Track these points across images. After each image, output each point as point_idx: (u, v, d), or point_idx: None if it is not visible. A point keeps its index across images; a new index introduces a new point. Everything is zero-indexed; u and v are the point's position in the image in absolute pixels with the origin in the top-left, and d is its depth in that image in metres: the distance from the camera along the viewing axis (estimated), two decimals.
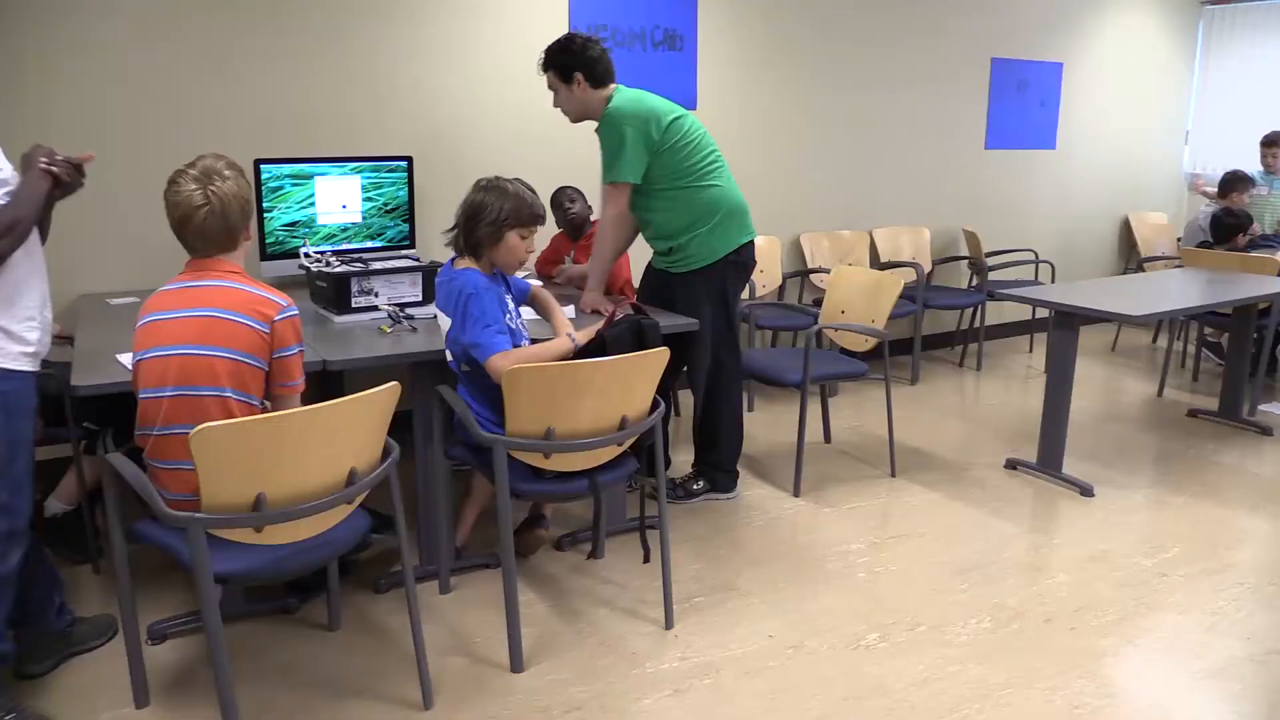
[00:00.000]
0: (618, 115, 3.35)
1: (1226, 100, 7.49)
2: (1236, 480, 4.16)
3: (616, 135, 3.35)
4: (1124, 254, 7.51)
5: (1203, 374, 5.96)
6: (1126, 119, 7.28)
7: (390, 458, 2.33)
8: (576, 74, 3.37)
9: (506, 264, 2.84)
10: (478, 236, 2.77)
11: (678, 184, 3.44)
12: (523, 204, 2.77)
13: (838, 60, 5.66)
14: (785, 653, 2.75)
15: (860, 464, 4.29)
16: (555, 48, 3.41)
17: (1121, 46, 7.07)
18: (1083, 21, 6.78)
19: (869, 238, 5.98)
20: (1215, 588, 3.18)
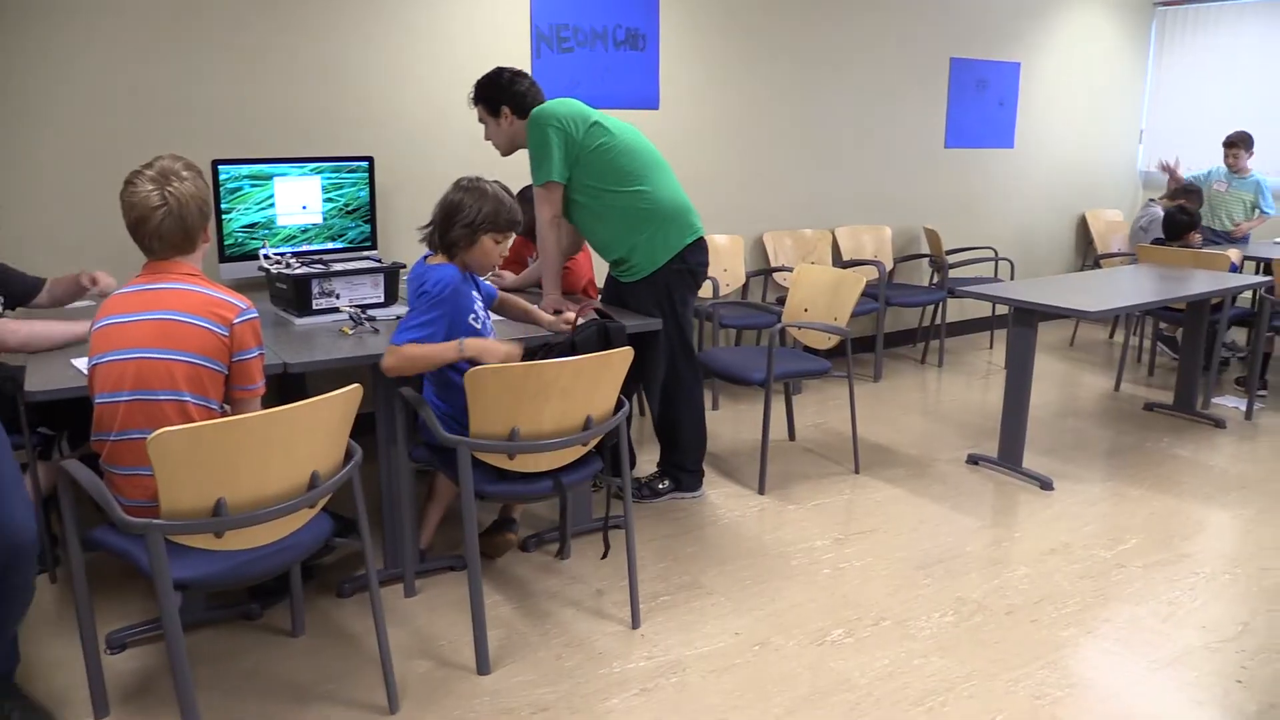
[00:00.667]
0: (540, 117, 3.36)
1: (1179, 99, 7.63)
2: (1191, 472, 4.24)
3: (539, 136, 3.36)
4: (1081, 251, 7.62)
5: (1158, 368, 6.07)
6: (1083, 118, 7.39)
7: (353, 460, 2.32)
8: (504, 107, 3.43)
9: (479, 266, 2.85)
10: (452, 237, 2.77)
11: (609, 190, 3.42)
12: (501, 208, 2.77)
13: (800, 60, 5.69)
14: (751, 650, 2.76)
15: (824, 461, 4.32)
16: (483, 82, 3.46)
17: (1077, 46, 7.18)
18: (1039, 22, 6.88)
19: (831, 236, 6.02)
20: (1171, 578, 3.24)
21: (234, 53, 3.99)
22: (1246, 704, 2.54)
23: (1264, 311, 5.08)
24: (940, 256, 6.12)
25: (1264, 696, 2.57)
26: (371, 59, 4.31)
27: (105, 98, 3.77)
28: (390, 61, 4.36)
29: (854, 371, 5.84)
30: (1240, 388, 5.58)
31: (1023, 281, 4.63)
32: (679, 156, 5.29)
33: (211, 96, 3.97)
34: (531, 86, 3.46)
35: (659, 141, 5.19)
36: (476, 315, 2.87)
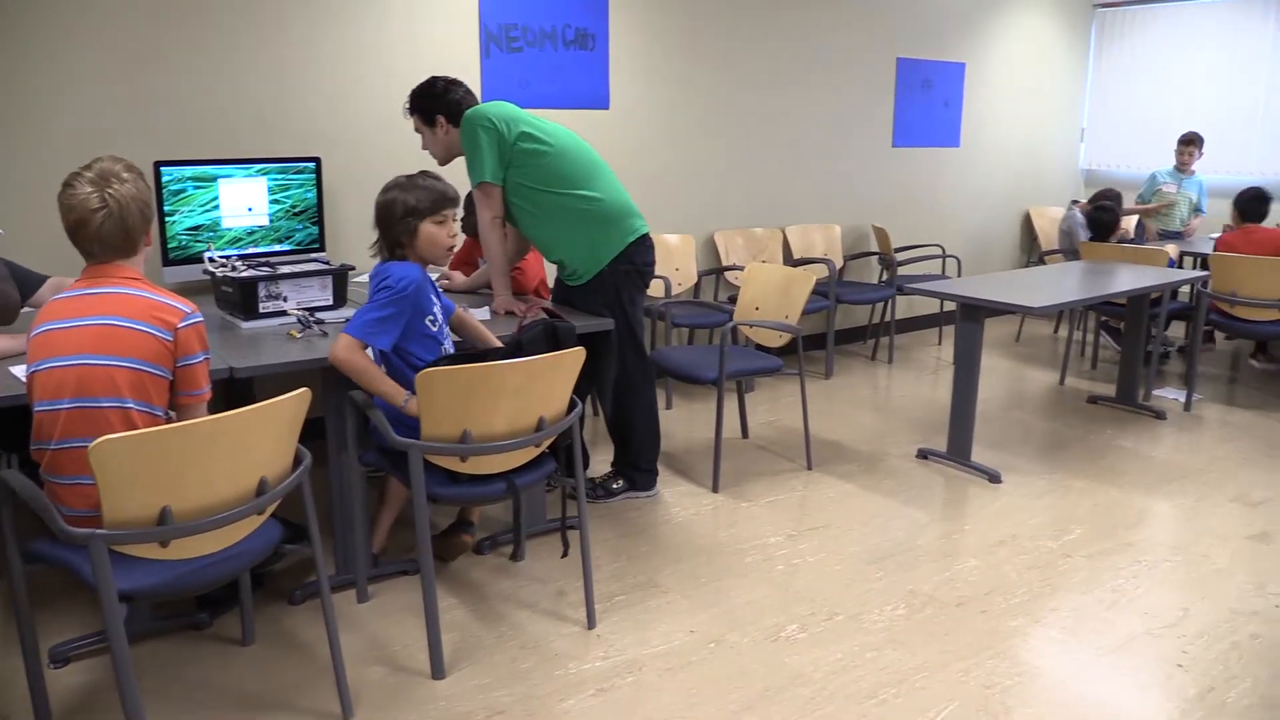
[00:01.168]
0: (471, 119, 3.36)
1: (1118, 98, 7.81)
2: (1134, 463, 4.34)
3: (471, 138, 3.36)
4: (1026, 248, 7.76)
5: (1101, 362, 6.20)
6: (1026, 117, 7.52)
7: (302, 465, 2.29)
8: (438, 117, 3.44)
9: (432, 255, 2.85)
10: (394, 235, 2.79)
11: (546, 192, 3.42)
12: (429, 192, 2.80)
13: (749, 59, 5.73)
14: (707, 647, 2.78)
15: (777, 458, 4.36)
16: (417, 92, 3.47)
17: (1020, 47, 7.31)
18: (983, 23, 6.99)
19: (782, 235, 6.06)
20: (1115, 567, 3.32)
21: (177, 52, 3.92)
22: (1187, 687, 2.61)
23: (1201, 306, 5.22)
24: (889, 254, 6.20)
25: (1203, 680, 2.64)
26: (318, 58, 4.26)
27: (43, 98, 3.68)
28: (337, 60, 4.31)
29: (805, 369, 5.90)
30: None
31: (969, 278, 4.71)
32: (629, 156, 5.30)
33: (153, 97, 3.90)
34: (466, 94, 3.47)
35: (609, 141, 5.19)
36: (435, 319, 2.85)
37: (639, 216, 3.58)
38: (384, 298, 2.69)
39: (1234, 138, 7.14)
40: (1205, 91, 7.28)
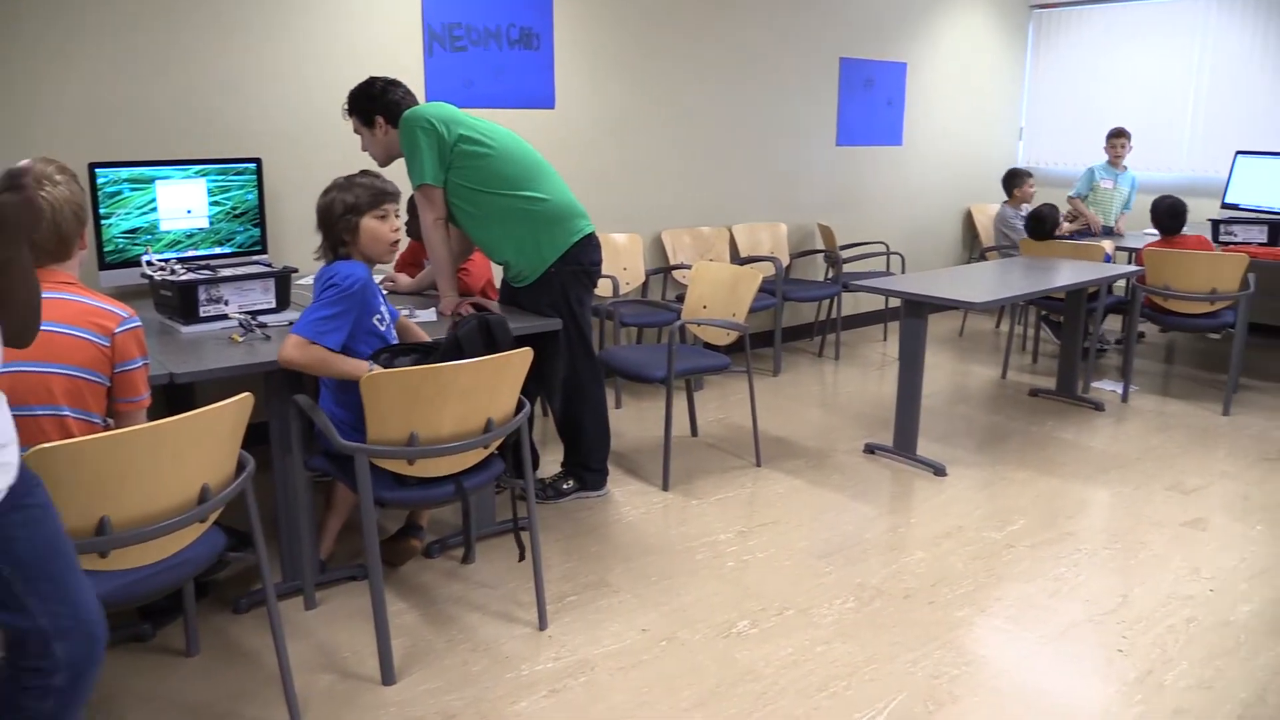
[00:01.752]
0: (410, 120, 3.33)
1: (1055, 97, 7.97)
2: (1073, 454, 4.44)
3: (410, 139, 3.34)
4: (967, 244, 7.90)
5: (1042, 355, 6.33)
6: (966, 116, 7.65)
7: (245, 472, 2.25)
8: (377, 117, 3.41)
9: (376, 251, 2.83)
10: (336, 235, 2.79)
11: (488, 193, 3.40)
12: (367, 189, 2.81)
13: (694, 59, 5.75)
14: (659, 645, 2.79)
15: (726, 455, 4.38)
16: (355, 93, 3.44)
17: (960, 47, 7.43)
18: (924, 23, 7.10)
19: (729, 233, 6.10)
20: (1056, 556, 3.39)
21: (111, 50, 3.83)
22: (1127, 672, 2.67)
23: (1135, 299, 5.35)
24: (834, 252, 6.26)
25: (1142, 664, 2.71)
26: (258, 57, 4.19)
27: None
28: (279, 59, 4.25)
29: (753, 366, 5.94)
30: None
31: (913, 274, 4.77)
32: (576, 156, 5.29)
33: (87, 96, 3.80)
34: (406, 95, 3.44)
35: (555, 141, 5.18)
36: (383, 317, 2.84)
37: (584, 216, 3.57)
38: (331, 295, 2.67)
39: (1166, 136, 7.33)
40: (1138, 90, 7.47)
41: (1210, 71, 7.09)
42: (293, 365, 2.65)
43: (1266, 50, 6.78)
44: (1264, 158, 6.33)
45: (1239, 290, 4.99)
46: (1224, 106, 7.05)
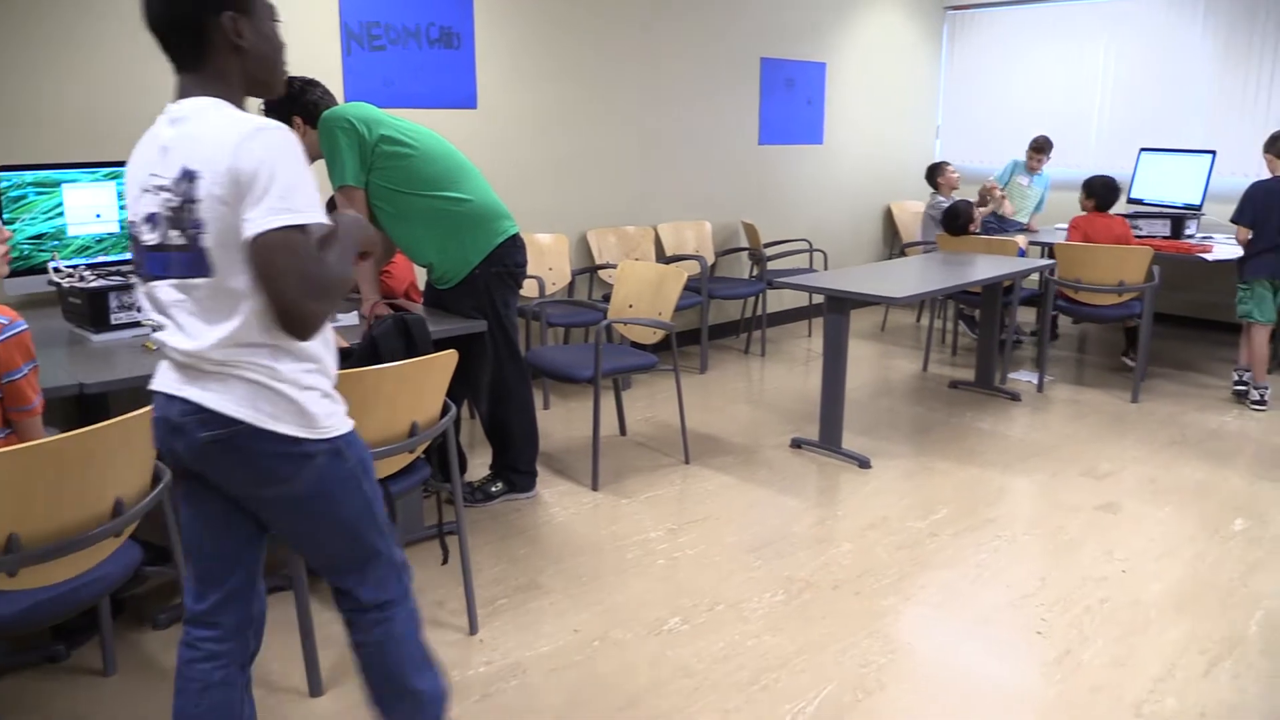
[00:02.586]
0: (329, 121, 3.28)
1: (970, 96, 8.17)
2: (993, 443, 4.56)
3: (329, 140, 3.29)
4: (888, 241, 8.05)
5: (961, 348, 6.48)
6: (884, 115, 7.80)
7: (161, 483, 2.19)
8: (295, 118, 3.34)
9: None
10: None
11: (410, 194, 3.37)
12: None
13: (618, 58, 5.76)
14: (591, 646, 2.79)
15: (655, 453, 4.40)
16: None
17: (877, 47, 7.57)
18: (842, 24, 7.21)
19: (654, 233, 6.12)
20: (978, 543, 3.48)
21: (14, 51, 3.68)
22: (1046, 652, 2.76)
23: (1048, 292, 5.52)
24: (759, 249, 6.33)
25: (1061, 645, 2.80)
26: None
27: None
28: None
29: (680, 364, 5.97)
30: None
31: (835, 271, 4.85)
32: (499, 156, 5.26)
33: None
34: (324, 95, 3.38)
35: (478, 141, 5.14)
36: None
37: (508, 217, 3.55)
38: None
39: (1075, 134, 7.57)
40: (1048, 89, 7.70)
41: (1115, 71, 7.35)
42: None
43: (1168, 51, 7.05)
44: (1166, 154, 6.58)
45: (1145, 282, 5.18)
46: (1128, 105, 7.31)
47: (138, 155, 1.71)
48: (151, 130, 1.70)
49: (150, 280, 1.70)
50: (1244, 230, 5.08)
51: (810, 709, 2.49)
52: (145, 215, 1.67)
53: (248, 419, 1.65)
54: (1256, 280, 5.09)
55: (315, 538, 1.83)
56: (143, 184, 1.67)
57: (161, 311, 1.70)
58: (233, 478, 1.72)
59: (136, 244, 1.71)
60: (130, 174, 1.72)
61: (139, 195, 1.69)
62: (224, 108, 1.64)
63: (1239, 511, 3.78)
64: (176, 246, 1.63)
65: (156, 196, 1.64)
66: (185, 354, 1.66)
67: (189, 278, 1.63)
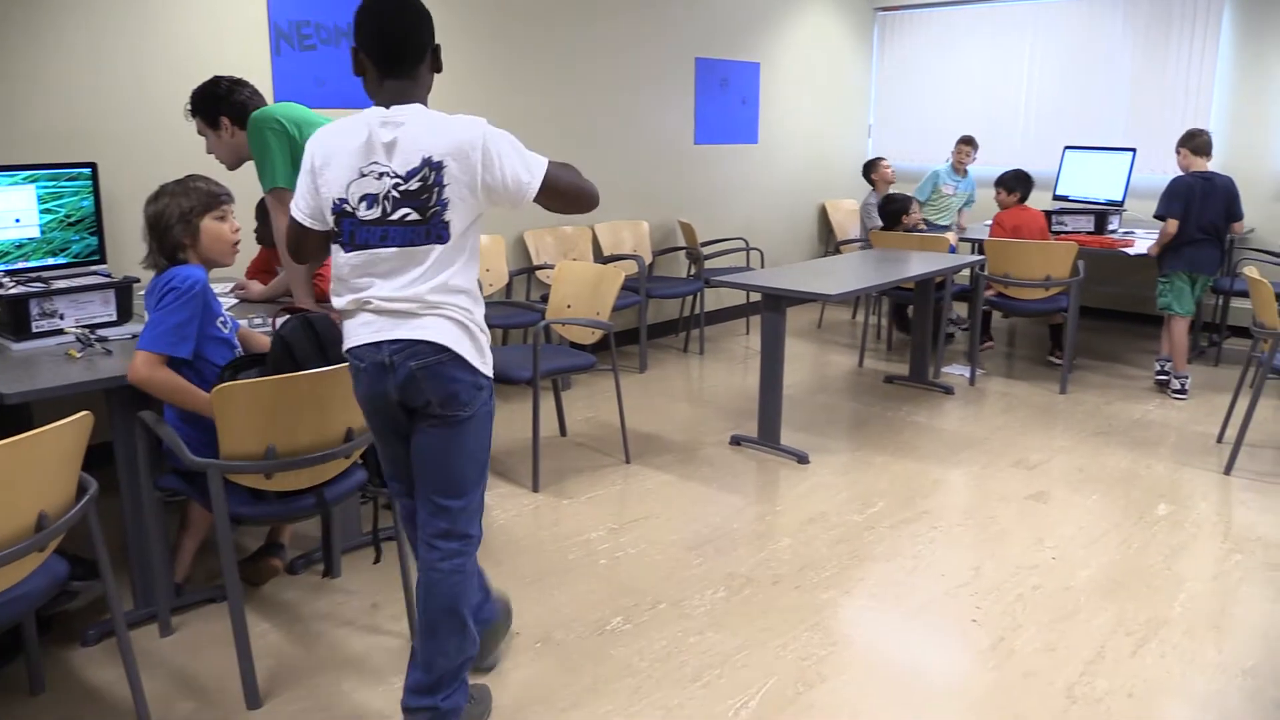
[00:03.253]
0: (258, 121, 3.20)
1: (901, 95, 8.31)
2: (927, 437, 4.65)
3: (259, 141, 3.21)
4: (823, 238, 8.15)
5: (895, 344, 6.59)
6: (818, 114, 7.89)
7: (87, 495, 2.13)
8: (223, 119, 3.28)
9: (218, 252, 2.74)
10: (174, 240, 2.67)
11: None
12: (201, 190, 2.70)
13: (553, 59, 5.74)
14: (533, 648, 2.78)
15: (596, 453, 4.40)
16: (199, 92, 3.30)
17: (809, 47, 7.66)
18: (774, 24, 7.28)
19: (591, 233, 6.12)
20: (914, 534, 3.54)
21: None
22: (981, 640, 2.82)
23: (979, 287, 5.64)
24: (696, 248, 6.37)
25: (995, 632, 2.86)
26: (94, 56, 3.96)
27: None
28: (115, 59, 4.02)
29: (619, 364, 5.98)
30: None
31: (771, 269, 4.90)
32: None
33: None
34: (253, 95, 3.31)
35: None
36: (225, 320, 2.73)
37: None
38: (172, 302, 2.54)
39: (1002, 132, 7.74)
40: (976, 89, 7.86)
41: (1040, 72, 7.53)
42: (144, 387, 2.52)
43: (1089, 52, 7.25)
44: (1089, 152, 6.77)
45: (1070, 276, 5.32)
46: (1053, 104, 7.49)
47: (340, 149, 2.10)
48: (351, 128, 2.11)
49: (359, 249, 2.10)
50: (1174, 222, 5.21)
51: (753, 704, 2.51)
52: (361, 196, 2.08)
53: (453, 347, 2.10)
54: (1175, 274, 5.26)
55: (457, 459, 2.18)
56: (359, 170, 2.08)
57: (366, 273, 2.11)
58: (427, 400, 2.12)
59: (352, 219, 2.09)
60: (335, 165, 2.10)
61: (352, 180, 2.08)
62: (431, 112, 2.13)
63: (1162, 497, 3.90)
64: (409, 222, 2.07)
65: (379, 182, 2.07)
66: (407, 300, 2.08)
67: (420, 245, 2.08)
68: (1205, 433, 4.69)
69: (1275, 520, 3.68)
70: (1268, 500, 3.88)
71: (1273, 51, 6.52)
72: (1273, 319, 4.10)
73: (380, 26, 2.11)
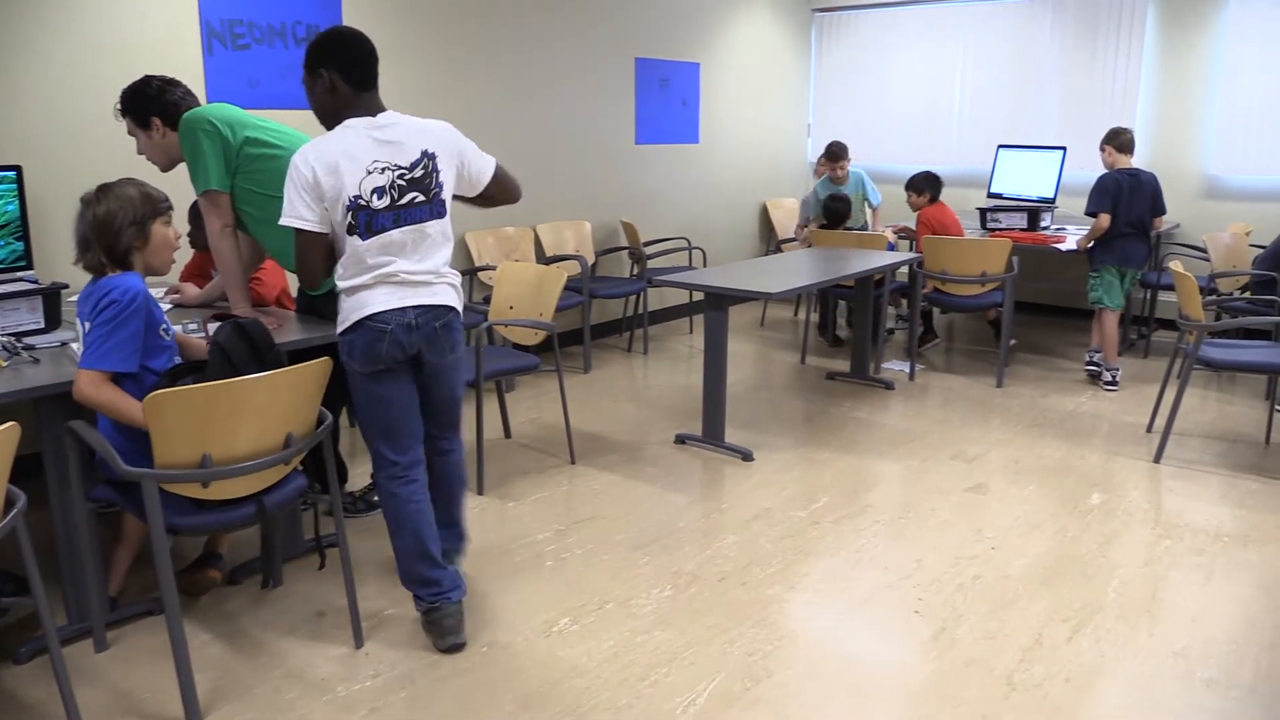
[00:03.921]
0: (190, 122, 3.14)
1: (839, 95, 8.41)
2: (869, 432, 4.71)
3: (191, 143, 3.15)
4: (764, 237, 8.22)
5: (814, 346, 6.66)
6: (758, 114, 7.96)
7: (15, 509, 2.07)
8: (154, 119, 3.21)
9: (163, 260, 2.70)
10: (125, 244, 2.59)
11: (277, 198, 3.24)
12: (148, 195, 2.65)
13: (492, 59, 5.71)
14: (480, 652, 2.76)
15: (541, 455, 4.39)
16: (129, 92, 3.23)
17: (749, 48, 7.72)
18: (713, 24, 7.32)
19: (533, 233, 6.10)
20: (857, 529, 3.59)
21: None
22: (923, 630, 2.87)
23: (916, 284, 5.74)
24: (638, 248, 6.38)
25: (937, 622, 2.92)
26: (19, 56, 3.84)
27: None
28: (41, 58, 3.91)
29: (563, 365, 5.97)
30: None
31: (714, 268, 4.93)
32: None
33: None
34: (186, 95, 3.24)
35: None
36: (168, 328, 2.67)
37: None
38: (114, 315, 2.47)
39: (938, 132, 7.89)
40: (913, 90, 7.99)
41: (973, 73, 7.68)
42: (89, 405, 2.46)
43: (1020, 54, 7.41)
44: (1022, 150, 6.92)
45: (1005, 272, 5.43)
46: (986, 104, 7.65)
47: (343, 154, 2.55)
48: (343, 137, 2.58)
49: (376, 234, 2.59)
50: (1105, 217, 5.32)
51: (700, 700, 2.52)
52: (372, 189, 2.57)
53: (458, 306, 2.78)
54: (1106, 268, 5.40)
55: (459, 381, 2.87)
56: (367, 169, 2.56)
57: (385, 252, 2.62)
58: (442, 349, 2.73)
59: (367, 210, 2.57)
60: (339, 169, 2.54)
61: (363, 178, 2.56)
62: (408, 115, 2.70)
63: (1096, 486, 4.00)
64: (417, 204, 2.65)
65: (383, 176, 2.58)
66: (425, 273, 2.68)
67: (427, 221, 2.68)
68: (1136, 423, 4.83)
69: (1202, 506, 3.80)
70: (1195, 487, 4.01)
71: (1194, 54, 6.73)
72: (1197, 312, 4.23)
73: (354, 54, 2.62)
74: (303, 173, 2.54)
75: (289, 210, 2.62)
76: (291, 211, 2.60)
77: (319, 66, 2.61)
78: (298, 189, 2.54)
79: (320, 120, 2.71)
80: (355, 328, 2.63)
